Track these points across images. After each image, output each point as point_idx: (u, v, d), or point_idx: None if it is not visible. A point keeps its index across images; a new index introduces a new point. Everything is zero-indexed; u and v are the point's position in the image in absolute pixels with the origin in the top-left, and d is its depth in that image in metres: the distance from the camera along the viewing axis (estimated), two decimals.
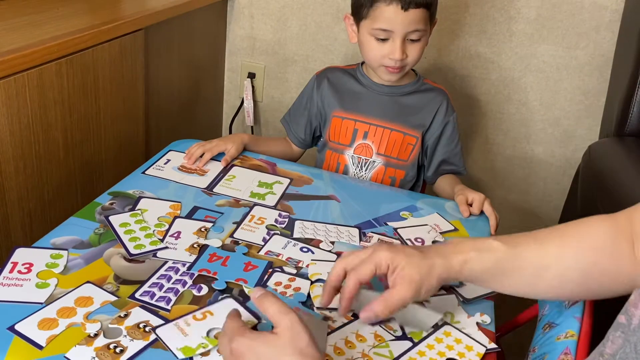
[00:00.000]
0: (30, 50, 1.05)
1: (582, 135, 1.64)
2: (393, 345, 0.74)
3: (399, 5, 1.09)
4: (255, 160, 1.20)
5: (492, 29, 1.60)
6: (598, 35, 1.53)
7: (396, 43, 1.13)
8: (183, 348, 0.69)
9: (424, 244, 0.96)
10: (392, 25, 1.12)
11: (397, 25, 1.11)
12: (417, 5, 1.10)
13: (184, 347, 0.69)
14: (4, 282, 0.77)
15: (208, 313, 0.75)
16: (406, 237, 0.98)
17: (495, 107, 1.69)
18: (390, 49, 1.14)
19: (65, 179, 1.23)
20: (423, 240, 0.98)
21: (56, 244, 0.86)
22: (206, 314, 0.75)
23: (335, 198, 1.08)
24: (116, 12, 1.37)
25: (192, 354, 0.69)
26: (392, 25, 1.12)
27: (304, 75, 1.80)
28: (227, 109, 1.97)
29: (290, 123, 1.34)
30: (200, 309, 0.76)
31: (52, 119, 1.15)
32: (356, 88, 1.26)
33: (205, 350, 0.69)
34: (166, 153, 1.17)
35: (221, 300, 0.78)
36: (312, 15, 1.74)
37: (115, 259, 0.84)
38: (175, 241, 0.89)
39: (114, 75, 1.31)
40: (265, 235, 0.94)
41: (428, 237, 0.99)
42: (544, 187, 1.74)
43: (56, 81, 1.14)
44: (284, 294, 0.81)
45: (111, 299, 0.76)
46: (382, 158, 1.25)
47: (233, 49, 1.87)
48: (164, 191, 1.03)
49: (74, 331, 0.70)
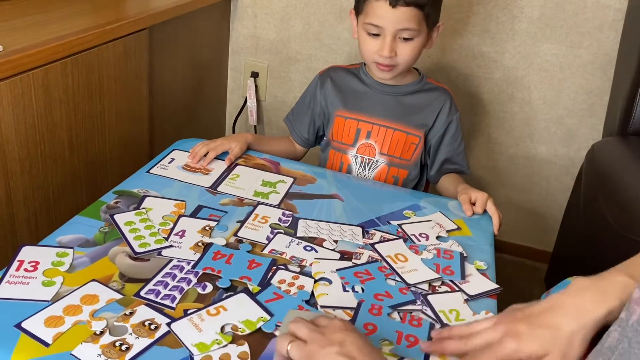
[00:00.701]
0: (35, 50, 1.06)
1: (585, 134, 1.64)
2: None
3: (387, 2, 1.10)
4: (258, 159, 1.20)
5: (496, 28, 1.60)
6: (601, 34, 1.53)
7: (386, 40, 1.14)
8: (198, 344, 0.70)
9: (428, 239, 0.97)
10: (381, 21, 1.13)
11: (386, 21, 1.12)
12: (407, 4, 1.10)
13: (199, 344, 0.70)
14: (10, 280, 0.78)
15: (222, 308, 0.76)
16: (410, 233, 0.98)
17: (499, 106, 1.69)
18: (380, 46, 1.15)
19: (70, 178, 1.23)
20: (427, 235, 0.98)
21: (62, 243, 0.87)
22: (219, 309, 0.76)
23: (339, 197, 1.09)
24: (120, 12, 1.37)
25: (207, 350, 0.70)
26: (382, 21, 1.12)
27: (307, 74, 1.80)
28: (231, 108, 1.97)
29: (294, 122, 1.35)
30: (213, 303, 0.77)
31: (57, 118, 1.16)
32: (359, 87, 1.27)
33: (220, 347, 0.70)
34: (170, 152, 1.18)
35: (234, 295, 0.79)
36: (315, 15, 1.74)
37: (120, 257, 0.85)
38: (179, 240, 0.90)
39: (119, 74, 1.32)
40: (269, 234, 0.94)
41: (432, 232, 0.99)
42: (547, 186, 1.74)
43: (61, 81, 1.14)
44: (288, 292, 0.81)
45: (117, 296, 0.77)
46: (385, 158, 1.25)
47: (236, 48, 1.87)
48: (168, 190, 1.04)
49: (80, 329, 0.71)
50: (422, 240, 0.97)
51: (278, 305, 0.78)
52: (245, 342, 0.71)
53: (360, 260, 0.90)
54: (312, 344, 0.63)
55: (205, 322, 0.74)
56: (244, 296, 0.79)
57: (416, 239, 0.97)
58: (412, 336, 0.76)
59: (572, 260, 1.37)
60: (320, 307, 0.79)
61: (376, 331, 0.76)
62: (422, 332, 0.77)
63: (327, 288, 0.83)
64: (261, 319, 0.75)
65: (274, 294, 0.80)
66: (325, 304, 0.80)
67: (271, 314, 0.76)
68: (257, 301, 0.78)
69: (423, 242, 0.97)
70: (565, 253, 1.45)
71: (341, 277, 0.85)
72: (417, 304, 0.82)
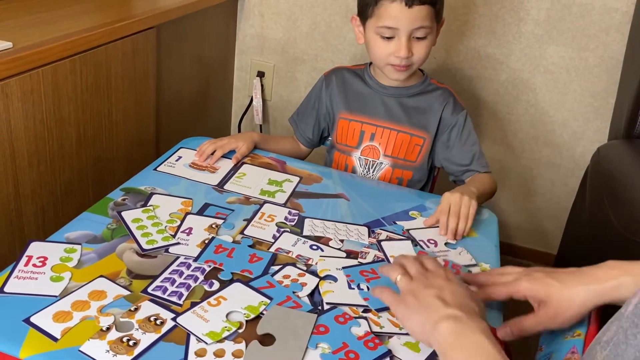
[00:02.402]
0: (45, 47, 1.07)
1: (591, 137, 1.64)
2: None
3: (403, 2, 1.10)
4: (265, 158, 1.21)
5: (502, 30, 1.61)
6: (608, 37, 1.53)
7: (402, 41, 1.13)
8: (209, 333, 0.72)
9: (437, 246, 0.97)
10: (396, 23, 1.12)
11: (401, 22, 1.12)
12: (422, 2, 1.10)
13: (210, 332, 0.72)
14: (19, 275, 0.79)
15: (221, 298, 0.78)
16: (419, 239, 0.98)
17: (504, 108, 1.69)
18: (396, 47, 1.14)
19: (77, 175, 1.24)
20: (436, 241, 0.98)
21: (70, 239, 0.87)
22: (219, 299, 0.78)
23: (345, 197, 1.09)
24: (128, 11, 1.38)
25: (219, 337, 0.71)
26: (397, 22, 1.12)
27: (313, 74, 1.81)
28: (237, 107, 1.98)
29: (298, 123, 1.35)
30: (212, 295, 0.78)
31: (66, 115, 1.17)
32: (363, 90, 1.27)
33: (230, 333, 0.72)
34: (177, 150, 1.19)
35: (230, 285, 0.81)
36: (322, 15, 1.75)
37: (127, 254, 0.86)
38: (186, 237, 0.91)
39: (126, 72, 1.32)
40: (275, 232, 0.95)
41: (441, 238, 0.99)
42: (551, 188, 1.74)
43: (70, 78, 1.15)
44: (281, 283, 0.82)
45: (124, 293, 0.78)
46: (389, 159, 1.26)
47: (243, 48, 1.88)
48: (175, 188, 1.05)
49: (88, 324, 0.72)
50: (430, 247, 0.97)
51: (270, 293, 0.80)
52: (243, 340, 0.72)
53: (365, 259, 0.91)
54: (416, 282, 0.74)
55: (209, 312, 0.75)
56: (239, 285, 0.81)
57: (425, 245, 0.97)
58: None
59: (576, 263, 1.36)
60: (326, 304, 0.80)
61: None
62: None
63: (333, 285, 0.83)
64: (262, 303, 0.77)
65: (267, 282, 0.82)
66: (330, 301, 0.80)
67: (270, 297, 0.78)
68: (253, 287, 0.80)
69: (432, 248, 0.96)
70: (569, 256, 1.45)
71: (347, 274, 0.86)
72: None
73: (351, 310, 0.79)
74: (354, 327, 0.76)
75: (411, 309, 0.71)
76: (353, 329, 0.75)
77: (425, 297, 0.70)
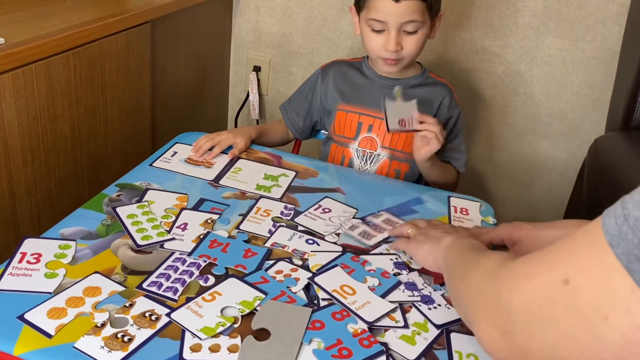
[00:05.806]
0: (38, 42, 1.06)
1: (588, 128, 1.64)
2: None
3: None
4: (261, 153, 1.20)
5: (498, 22, 1.60)
6: (605, 29, 1.53)
7: (390, 34, 1.13)
8: (203, 329, 0.71)
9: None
10: (385, 16, 1.12)
11: (390, 16, 1.12)
12: None
13: (204, 328, 0.71)
14: (13, 271, 0.78)
15: (216, 293, 0.77)
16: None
17: (501, 100, 1.68)
18: (385, 40, 1.14)
19: (72, 171, 1.24)
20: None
21: (64, 235, 0.87)
22: (214, 294, 0.77)
23: (341, 191, 1.09)
24: (123, 5, 1.37)
25: (213, 333, 0.71)
26: (385, 16, 1.12)
27: (310, 68, 1.80)
28: (233, 102, 1.97)
29: (289, 111, 1.35)
30: (207, 290, 0.78)
31: (60, 111, 1.16)
32: (361, 81, 1.27)
33: (225, 328, 0.71)
34: (173, 145, 1.18)
35: (225, 280, 0.80)
36: (317, 9, 1.74)
37: (122, 250, 0.85)
38: (182, 232, 0.90)
39: (121, 67, 1.32)
40: (271, 227, 0.94)
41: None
42: (549, 180, 1.74)
43: (64, 73, 1.15)
44: (274, 278, 0.82)
45: (119, 289, 0.77)
46: (387, 151, 1.25)
47: (239, 42, 1.87)
48: (170, 183, 1.04)
49: (82, 320, 0.71)
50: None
51: (265, 288, 0.80)
52: (239, 334, 0.72)
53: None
54: (425, 229, 0.89)
55: (203, 308, 0.75)
56: (234, 280, 0.80)
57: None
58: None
59: None
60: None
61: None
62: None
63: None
64: (257, 298, 0.77)
65: (261, 277, 0.82)
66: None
67: (265, 292, 0.78)
68: (247, 283, 0.80)
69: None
70: None
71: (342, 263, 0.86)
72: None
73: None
74: (350, 324, 0.75)
75: (420, 243, 0.85)
76: (349, 326, 0.75)
77: (432, 234, 0.85)
